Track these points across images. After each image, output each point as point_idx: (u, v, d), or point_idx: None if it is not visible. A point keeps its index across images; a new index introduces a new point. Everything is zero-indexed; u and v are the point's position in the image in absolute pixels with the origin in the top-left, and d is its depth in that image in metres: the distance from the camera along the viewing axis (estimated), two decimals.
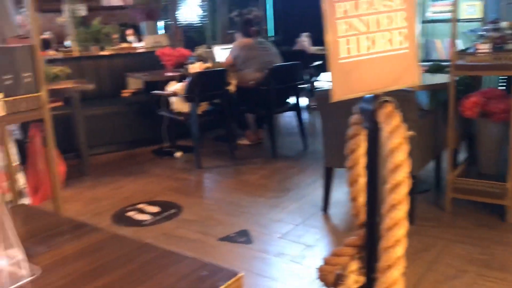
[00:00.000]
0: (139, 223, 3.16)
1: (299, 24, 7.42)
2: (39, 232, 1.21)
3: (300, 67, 4.80)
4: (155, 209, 3.39)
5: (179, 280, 0.96)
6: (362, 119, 1.21)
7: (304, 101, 6.25)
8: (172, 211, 3.34)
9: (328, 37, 1.12)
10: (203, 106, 4.48)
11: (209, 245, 2.78)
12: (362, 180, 1.28)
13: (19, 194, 2.52)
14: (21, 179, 2.67)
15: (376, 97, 1.16)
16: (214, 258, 2.57)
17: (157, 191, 3.76)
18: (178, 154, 4.72)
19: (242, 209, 3.32)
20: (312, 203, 3.33)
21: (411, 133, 1.15)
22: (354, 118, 1.25)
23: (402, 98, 1.19)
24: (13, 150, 2.47)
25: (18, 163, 2.65)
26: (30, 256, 1.01)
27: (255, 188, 3.73)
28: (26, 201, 2.68)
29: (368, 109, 1.16)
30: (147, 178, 4.12)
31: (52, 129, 2.24)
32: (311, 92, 6.33)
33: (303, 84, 5.09)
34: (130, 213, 3.34)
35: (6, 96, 1.96)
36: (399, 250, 1.11)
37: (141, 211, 3.36)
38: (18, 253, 1.00)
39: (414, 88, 2.66)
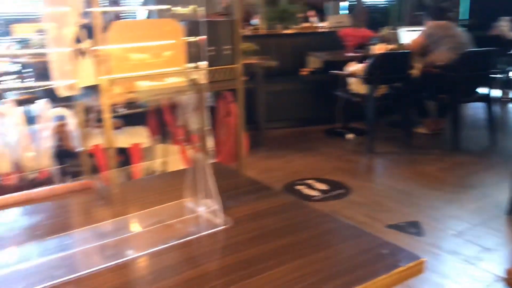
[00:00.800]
0: (308, 198, 3.26)
1: (498, 6, 6.64)
2: (230, 188, 1.33)
3: (495, 54, 4.32)
4: (323, 186, 3.45)
5: (358, 254, 0.97)
6: None
7: (496, 92, 5.63)
8: (340, 191, 3.36)
9: None
10: (382, 89, 4.35)
11: (376, 230, 2.73)
12: None
13: (208, 156, 2.80)
14: (210, 143, 2.95)
15: None
16: None
17: (326, 170, 3.81)
18: (349, 135, 4.70)
19: (415, 199, 3.17)
20: (495, 204, 3.01)
21: None
22: None
23: None
24: (207, 116, 2.74)
25: (209, 127, 2.93)
26: (223, 208, 1.11)
27: (430, 180, 3.53)
28: None
29: None
30: (317, 156, 4.19)
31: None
32: (506, 83, 5.66)
33: (497, 73, 4.58)
34: (300, 187, 3.46)
35: (208, 66, 2.17)
36: None
37: (310, 187, 3.45)
38: (215, 204, 1.12)
39: None
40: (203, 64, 2.18)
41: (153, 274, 0.93)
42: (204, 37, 2.17)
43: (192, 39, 2.25)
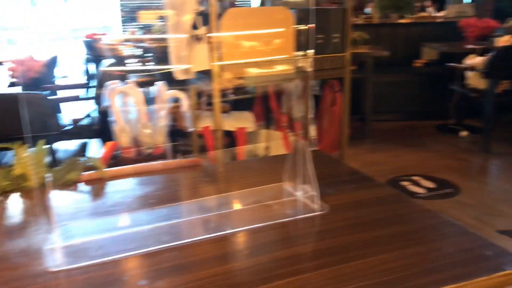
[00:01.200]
0: (412, 195, 3.13)
1: None
2: (330, 176, 1.33)
3: None
4: (430, 184, 3.29)
5: (459, 252, 0.93)
6: None
7: None
8: (448, 190, 3.18)
9: None
10: (504, 85, 4.00)
11: (485, 235, 2.54)
12: None
13: (310, 143, 2.82)
14: (312, 131, 2.97)
15: None
16: None
17: (435, 167, 3.62)
18: (463, 133, 4.40)
19: None
20: None
21: None
22: None
23: None
24: (311, 104, 2.76)
25: (312, 116, 2.95)
26: (320, 195, 1.13)
27: None
28: None
29: None
30: (426, 152, 4.00)
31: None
32: None
33: None
34: (404, 183, 3.34)
35: (315, 54, 2.18)
36: None
37: (416, 184, 3.31)
38: (312, 189, 1.14)
39: None
40: (310, 52, 2.19)
41: (249, 249, 0.98)
42: (313, 25, 2.18)
43: (302, 27, 2.27)
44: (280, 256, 0.92)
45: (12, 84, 3.32)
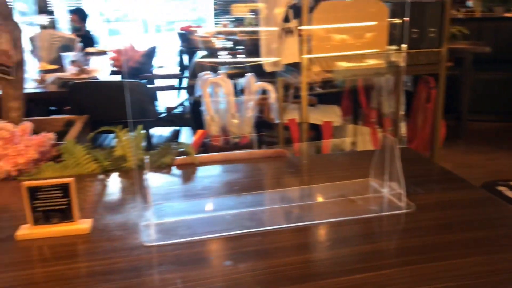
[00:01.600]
0: (509, 201, 2.92)
1: None
2: (418, 175, 1.29)
3: None
4: None
5: None
6: None
7: None
8: None
9: None
10: None
11: None
12: None
13: (399, 140, 2.73)
14: (403, 128, 2.87)
15: None
16: None
17: None
18: None
19: None
20: None
21: None
22: None
23: None
24: (402, 100, 2.67)
25: (403, 112, 2.85)
26: (407, 193, 1.10)
27: None
28: None
29: None
30: None
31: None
32: None
33: None
34: (501, 188, 3.11)
35: (409, 48, 2.10)
36: None
37: None
38: (399, 187, 1.11)
39: None
40: (404, 46, 2.12)
41: (330, 241, 0.98)
42: (407, 18, 2.10)
43: (396, 21, 2.20)
44: (362, 251, 0.92)
45: (113, 73, 3.57)
